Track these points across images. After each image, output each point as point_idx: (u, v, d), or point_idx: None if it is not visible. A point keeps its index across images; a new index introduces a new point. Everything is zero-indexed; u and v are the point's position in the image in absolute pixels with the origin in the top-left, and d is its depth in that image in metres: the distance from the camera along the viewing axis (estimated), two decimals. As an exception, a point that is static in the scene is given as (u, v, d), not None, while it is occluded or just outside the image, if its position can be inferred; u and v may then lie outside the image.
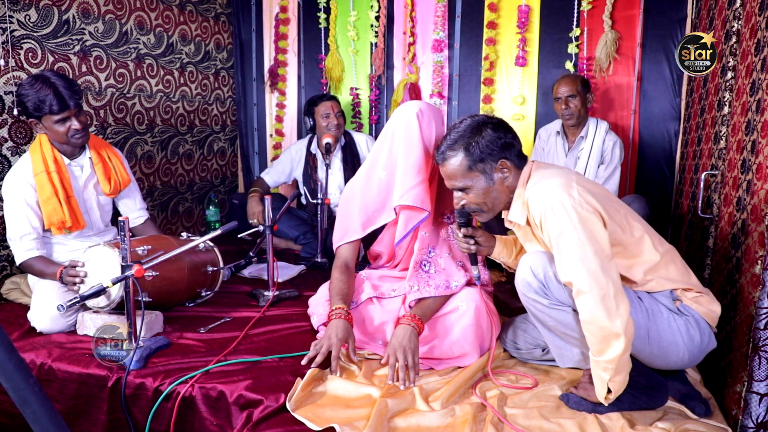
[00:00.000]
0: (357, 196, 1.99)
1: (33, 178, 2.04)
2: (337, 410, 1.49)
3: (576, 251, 1.37)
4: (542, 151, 3.10)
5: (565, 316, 1.50)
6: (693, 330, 1.50)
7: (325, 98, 3.26)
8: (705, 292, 1.55)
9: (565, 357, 1.62)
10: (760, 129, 1.59)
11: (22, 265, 2.07)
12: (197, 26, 3.55)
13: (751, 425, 1.42)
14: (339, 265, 1.97)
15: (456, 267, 1.91)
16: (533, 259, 1.52)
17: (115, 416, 1.65)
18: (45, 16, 2.43)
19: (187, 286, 2.13)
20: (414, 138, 1.83)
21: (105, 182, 2.24)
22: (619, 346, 1.36)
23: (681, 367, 1.58)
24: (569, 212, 1.39)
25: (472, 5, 3.44)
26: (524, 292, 1.54)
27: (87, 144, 2.21)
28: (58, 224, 2.07)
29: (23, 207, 2.04)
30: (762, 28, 1.67)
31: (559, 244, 1.41)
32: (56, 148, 2.11)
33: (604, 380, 1.42)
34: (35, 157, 2.07)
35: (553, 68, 3.32)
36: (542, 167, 1.58)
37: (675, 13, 3.06)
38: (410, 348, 1.65)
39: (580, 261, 1.37)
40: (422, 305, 1.80)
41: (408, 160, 1.82)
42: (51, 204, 2.05)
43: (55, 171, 2.06)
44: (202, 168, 3.75)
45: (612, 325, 1.35)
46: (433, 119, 1.87)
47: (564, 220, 1.40)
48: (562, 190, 1.42)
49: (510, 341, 1.85)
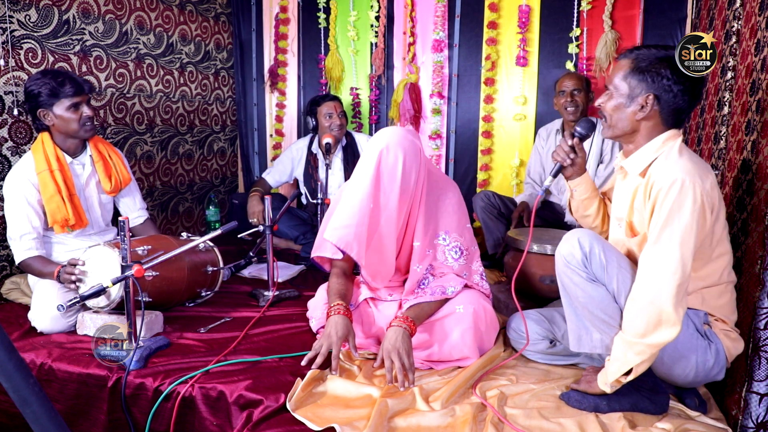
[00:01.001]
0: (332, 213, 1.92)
1: (36, 176, 2.05)
2: (337, 410, 1.49)
3: (680, 233, 1.38)
4: (542, 150, 3.10)
5: (598, 293, 1.48)
6: (710, 356, 1.50)
7: (328, 98, 3.26)
8: (736, 330, 1.55)
9: (582, 340, 1.56)
10: (760, 129, 1.59)
11: (21, 264, 2.07)
12: (197, 26, 3.55)
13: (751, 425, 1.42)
14: (336, 272, 1.96)
15: (452, 277, 1.89)
16: (582, 233, 1.51)
17: (115, 416, 1.65)
18: (45, 16, 2.43)
19: (187, 286, 2.13)
20: (365, 176, 1.73)
21: (106, 180, 2.24)
22: (669, 334, 1.37)
23: (680, 384, 1.58)
24: (696, 197, 1.39)
25: (472, 5, 3.44)
26: (566, 263, 1.51)
27: (88, 142, 2.22)
28: (62, 222, 2.08)
29: (24, 206, 2.04)
30: (762, 28, 1.67)
31: (669, 219, 1.39)
32: (58, 146, 2.12)
33: (629, 363, 1.41)
34: (38, 156, 2.07)
35: (553, 68, 3.32)
36: (689, 150, 1.53)
37: (675, 13, 3.06)
38: (404, 349, 1.63)
39: (680, 244, 1.38)
40: (416, 308, 1.78)
41: (353, 196, 1.73)
42: (54, 202, 2.05)
43: (57, 169, 2.07)
44: (202, 168, 3.75)
45: (675, 312, 1.36)
46: (396, 153, 1.73)
47: (687, 200, 1.39)
48: (698, 176, 1.41)
49: (516, 329, 1.85)
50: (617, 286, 1.47)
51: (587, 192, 1.77)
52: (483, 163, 3.53)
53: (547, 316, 1.86)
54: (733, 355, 1.53)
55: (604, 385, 1.48)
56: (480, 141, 3.52)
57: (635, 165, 1.55)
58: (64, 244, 2.20)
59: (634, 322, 1.41)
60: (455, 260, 1.90)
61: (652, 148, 1.52)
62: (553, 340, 1.80)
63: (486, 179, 3.54)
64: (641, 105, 1.50)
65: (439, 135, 3.61)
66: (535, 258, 2.26)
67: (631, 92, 1.51)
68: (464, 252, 1.92)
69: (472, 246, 1.96)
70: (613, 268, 1.47)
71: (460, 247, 1.92)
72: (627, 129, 1.55)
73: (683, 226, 1.38)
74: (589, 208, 1.80)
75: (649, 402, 1.51)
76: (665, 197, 1.40)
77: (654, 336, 1.38)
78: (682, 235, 1.38)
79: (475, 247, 1.97)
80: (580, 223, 1.88)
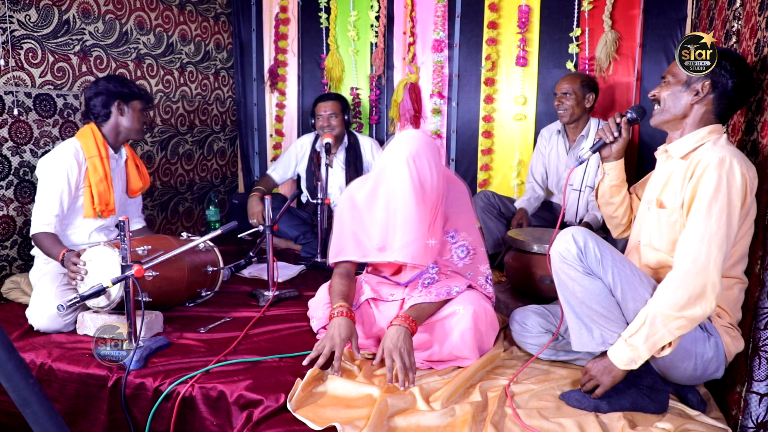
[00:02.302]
0: (355, 219, 1.92)
1: (86, 160, 2.19)
2: (337, 410, 1.49)
3: (727, 208, 1.41)
4: (544, 150, 3.10)
5: (595, 286, 1.49)
6: (709, 348, 1.51)
7: (322, 98, 3.28)
8: (737, 329, 1.56)
9: (583, 338, 1.56)
10: (760, 129, 1.59)
11: (35, 237, 2.10)
12: (197, 26, 3.55)
13: (751, 425, 1.43)
14: (339, 272, 1.95)
15: (458, 278, 1.89)
16: (575, 230, 1.53)
17: (115, 416, 1.64)
18: (45, 16, 2.43)
19: (187, 286, 2.13)
20: (407, 188, 1.75)
21: (138, 180, 2.41)
22: (708, 307, 1.40)
23: (679, 380, 1.58)
24: (742, 176, 1.43)
25: (472, 5, 3.44)
26: (562, 258, 1.52)
27: (123, 144, 2.38)
28: (103, 206, 2.22)
29: (63, 184, 2.13)
30: (762, 28, 1.67)
31: (717, 194, 1.42)
32: (106, 139, 2.27)
33: (665, 339, 1.42)
34: (88, 142, 2.21)
35: (553, 68, 3.32)
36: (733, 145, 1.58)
37: (675, 13, 3.06)
38: (405, 348, 1.63)
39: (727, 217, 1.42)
40: (417, 308, 1.77)
41: (406, 211, 1.75)
42: (102, 185, 2.21)
43: (105, 157, 2.24)
44: (202, 168, 3.75)
45: (719, 284, 1.40)
46: (425, 158, 1.77)
47: (735, 179, 1.42)
48: (744, 162, 1.46)
49: (519, 322, 1.86)
50: (612, 279, 1.48)
51: (618, 179, 1.83)
52: (483, 163, 3.53)
53: (551, 311, 1.88)
54: (733, 353, 1.53)
55: (625, 363, 1.46)
56: (480, 141, 3.51)
57: (680, 148, 1.61)
58: (74, 234, 2.25)
59: (674, 294, 1.41)
60: (461, 259, 1.91)
61: (697, 136, 1.59)
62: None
63: (486, 179, 3.54)
64: (697, 90, 1.57)
65: (439, 135, 3.61)
66: (535, 258, 2.26)
67: (689, 79, 1.58)
68: (471, 251, 1.93)
69: (480, 247, 1.96)
70: (607, 261, 1.48)
71: (467, 246, 1.92)
72: (679, 113, 1.62)
73: (731, 201, 1.42)
74: (616, 196, 1.85)
75: (649, 400, 1.51)
76: (713, 173, 1.44)
77: (694, 309, 1.40)
78: (729, 210, 1.42)
79: (483, 249, 1.97)
80: (603, 210, 1.92)
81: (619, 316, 1.50)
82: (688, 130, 1.62)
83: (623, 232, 1.93)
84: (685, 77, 1.58)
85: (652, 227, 1.65)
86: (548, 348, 1.80)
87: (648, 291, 1.49)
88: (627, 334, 1.46)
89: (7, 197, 2.31)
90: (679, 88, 1.60)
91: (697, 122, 1.60)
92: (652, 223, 1.65)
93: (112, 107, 2.25)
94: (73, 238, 2.25)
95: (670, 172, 1.63)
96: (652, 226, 1.65)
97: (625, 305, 1.49)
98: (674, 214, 1.56)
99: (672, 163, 1.64)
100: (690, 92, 1.58)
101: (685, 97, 1.59)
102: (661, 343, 1.43)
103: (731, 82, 1.54)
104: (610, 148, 1.78)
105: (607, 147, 1.78)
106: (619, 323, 1.49)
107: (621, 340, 1.47)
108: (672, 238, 1.58)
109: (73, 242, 2.24)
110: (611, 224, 1.94)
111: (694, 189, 1.48)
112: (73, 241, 2.24)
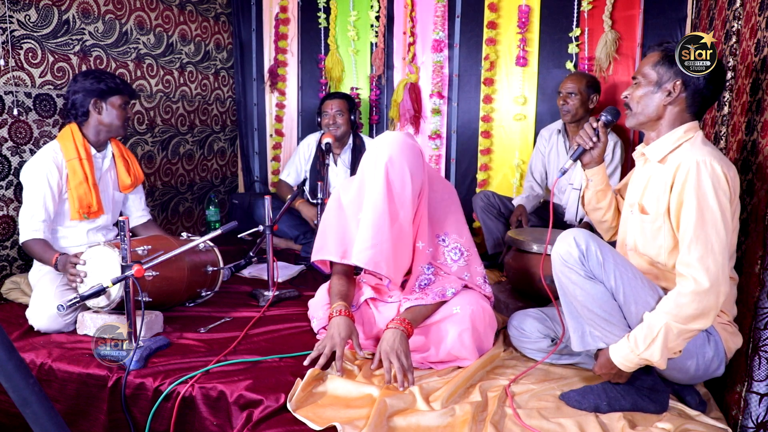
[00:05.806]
0: (339, 220, 1.92)
1: (65, 163, 2.14)
2: (337, 410, 1.49)
3: (719, 215, 1.40)
4: (544, 150, 3.10)
5: (596, 290, 1.48)
6: (709, 348, 1.51)
7: (329, 96, 3.27)
8: (734, 325, 1.56)
9: (584, 338, 1.57)
10: (760, 129, 1.59)
11: (24, 244, 2.10)
12: (197, 26, 3.55)
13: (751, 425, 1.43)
14: (338, 272, 1.96)
15: (453, 279, 1.89)
16: (577, 232, 1.51)
17: (115, 416, 1.64)
18: (45, 16, 2.43)
19: (187, 286, 2.13)
20: (378, 194, 1.73)
21: (126, 175, 2.36)
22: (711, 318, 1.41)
23: (681, 380, 1.58)
24: (727, 179, 1.42)
25: (472, 5, 3.44)
26: (563, 262, 1.51)
27: (110, 140, 2.33)
28: (86, 208, 2.18)
29: (44, 188, 2.10)
30: (762, 28, 1.67)
31: (705, 208, 1.41)
32: (87, 138, 2.22)
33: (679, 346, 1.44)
34: (67, 144, 2.16)
35: (553, 68, 3.32)
36: (710, 143, 1.57)
37: (675, 13, 3.06)
38: (402, 350, 1.64)
39: (723, 224, 1.41)
40: (413, 310, 1.77)
41: (371, 215, 1.73)
42: (83, 188, 2.17)
43: (85, 158, 2.19)
44: (203, 168, 3.75)
45: (724, 294, 1.40)
46: (403, 162, 1.74)
47: (720, 182, 1.42)
48: (723, 163, 1.45)
49: (517, 327, 1.85)
50: (615, 283, 1.47)
51: (602, 183, 1.81)
52: (483, 163, 3.53)
53: (549, 314, 1.86)
54: (732, 349, 1.53)
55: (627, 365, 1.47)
56: (480, 141, 3.51)
57: (656, 151, 1.60)
58: (67, 238, 2.23)
59: (689, 307, 1.40)
60: (454, 261, 1.91)
61: (674, 136, 1.57)
62: (554, 338, 1.80)
63: (486, 179, 3.54)
64: (669, 91, 1.56)
65: (439, 135, 3.61)
66: (535, 258, 2.26)
67: (659, 79, 1.56)
68: (464, 253, 1.92)
69: (472, 247, 1.97)
70: (610, 264, 1.47)
71: (460, 248, 1.92)
72: (653, 115, 1.60)
73: (721, 203, 1.41)
74: (602, 200, 1.83)
75: (649, 401, 1.51)
76: (697, 179, 1.43)
77: (707, 319, 1.40)
78: (721, 212, 1.41)
79: (474, 249, 1.97)
80: (591, 217, 1.90)
81: (620, 319, 1.49)
82: (664, 130, 1.60)
83: (614, 234, 1.92)
84: (655, 77, 1.57)
85: (636, 232, 1.64)
86: (547, 352, 1.80)
87: (650, 294, 1.48)
88: (640, 349, 1.44)
89: (7, 197, 2.31)
90: (650, 89, 1.58)
91: (672, 122, 1.59)
92: (636, 227, 1.64)
93: (89, 106, 2.20)
94: (69, 240, 2.23)
95: (649, 176, 1.61)
96: (637, 231, 1.64)
97: (628, 309, 1.48)
98: (658, 220, 1.55)
99: (650, 167, 1.62)
100: (662, 92, 1.57)
101: (657, 99, 1.57)
102: (674, 351, 1.44)
103: (703, 80, 1.53)
104: (590, 154, 1.74)
105: (588, 153, 1.74)
106: (621, 327, 1.49)
107: (634, 355, 1.45)
108: (657, 243, 1.58)
109: (70, 244, 2.22)
110: (601, 229, 1.92)
111: (679, 197, 1.47)
112: (70, 243, 2.23)
